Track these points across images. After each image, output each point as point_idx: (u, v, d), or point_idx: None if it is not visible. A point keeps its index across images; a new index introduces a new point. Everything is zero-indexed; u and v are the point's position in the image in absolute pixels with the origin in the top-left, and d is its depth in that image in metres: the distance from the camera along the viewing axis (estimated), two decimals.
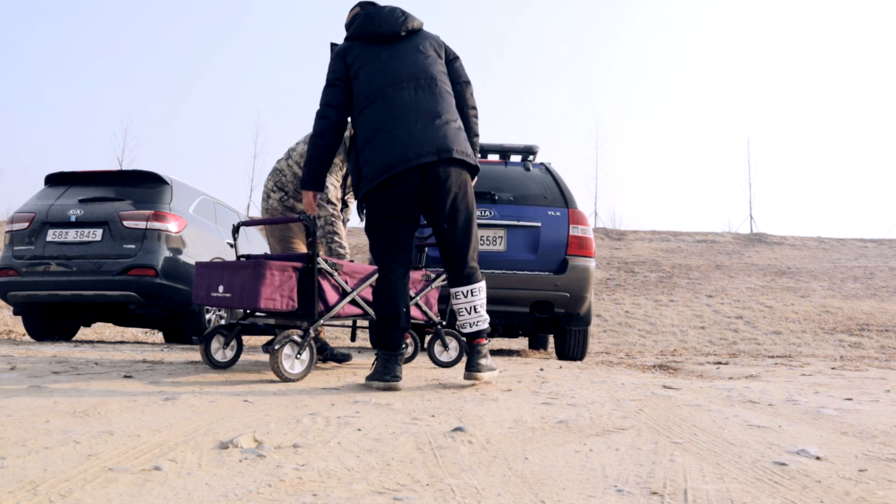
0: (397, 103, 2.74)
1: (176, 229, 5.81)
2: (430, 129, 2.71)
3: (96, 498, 1.20)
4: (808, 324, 12.26)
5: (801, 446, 1.69)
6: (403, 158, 2.66)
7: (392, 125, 2.72)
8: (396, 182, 2.70)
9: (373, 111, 2.77)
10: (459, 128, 2.81)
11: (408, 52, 2.85)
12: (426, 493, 1.26)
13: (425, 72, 2.82)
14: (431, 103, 2.76)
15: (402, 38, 2.90)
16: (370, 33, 2.88)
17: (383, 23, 2.88)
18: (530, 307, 5.16)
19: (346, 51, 2.89)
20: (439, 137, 2.70)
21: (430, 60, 2.86)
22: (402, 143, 2.68)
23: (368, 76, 2.82)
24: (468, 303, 2.83)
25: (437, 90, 2.81)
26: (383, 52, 2.85)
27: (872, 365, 5.81)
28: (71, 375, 2.92)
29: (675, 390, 2.91)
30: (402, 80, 2.79)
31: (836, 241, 22.50)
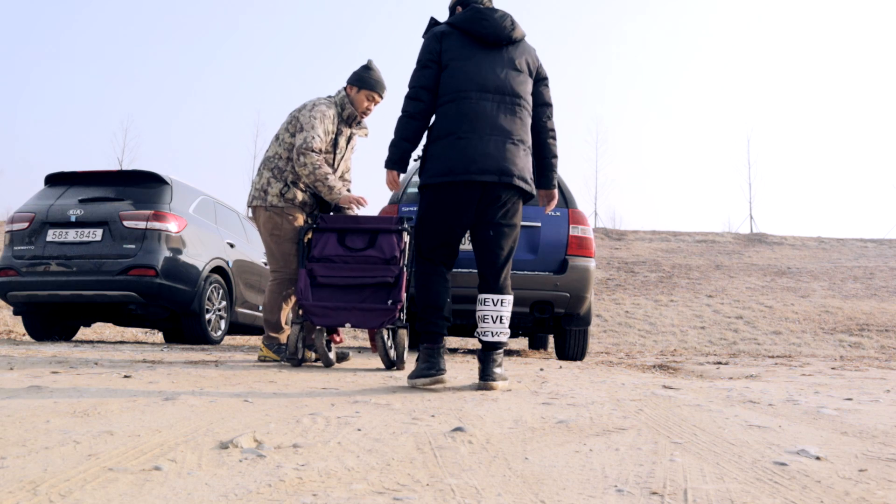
0: (478, 112, 2.75)
1: (176, 229, 5.81)
2: (500, 148, 2.74)
3: (96, 498, 1.20)
4: (808, 324, 12.26)
5: (801, 446, 1.69)
6: (466, 170, 2.71)
7: (466, 132, 2.74)
8: (456, 189, 2.76)
9: (452, 109, 2.78)
10: (527, 153, 2.83)
11: (504, 63, 2.83)
12: (426, 493, 1.26)
13: (513, 90, 2.82)
14: (510, 123, 2.78)
15: (502, 47, 2.86)
16: (474, 31, 2.84)
17: (490, 27, 2.83)
18: (530, 307, 5.16)
19: (445, 35, 2.87)
20: (506, 160, 2.73)
21: (521, 78, 2.85)
22: (470, 154, 2.71)
23: (459, 72, 2.81)
24: (495, 311, 2.82)
25: (518, 111, 2.81)
26: (480, 55, 2.83)
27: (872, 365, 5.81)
28: (71, 375, 2.92)
29: (675, 390, 2.91)
30: (489, 89, 2.78)
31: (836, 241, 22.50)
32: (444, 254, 2.87)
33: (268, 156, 3.97)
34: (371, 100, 4.00)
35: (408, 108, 2.87)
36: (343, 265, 3.61)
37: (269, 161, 3.95)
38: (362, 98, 3.97)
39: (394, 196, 5.34)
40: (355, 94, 3.98)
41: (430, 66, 2.85)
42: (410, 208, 5.21)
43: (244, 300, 6.92)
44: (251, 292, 7.06)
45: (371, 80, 4.01)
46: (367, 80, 4.00)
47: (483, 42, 2.84)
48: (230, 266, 6.55)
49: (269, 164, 3.94)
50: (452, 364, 4.17)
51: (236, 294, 6.70)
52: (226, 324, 6.49)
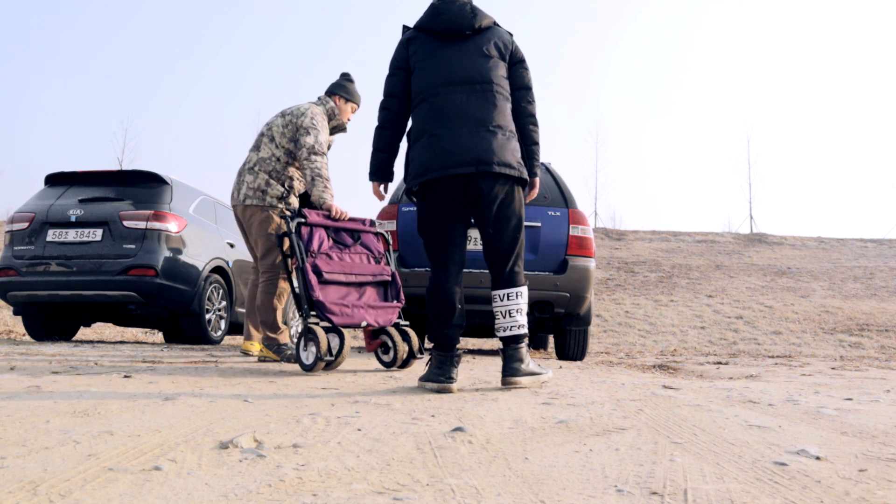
0: (448, 106, 2.74)
1: (176, 229, 5.80)
2: (474, 137, 2.69)
3: (96, 498, 1.20)
4: (808, 324, 12.26)
5: (801, 446, 1.69)
6: (442, 166, 2.69)
7: (438, 128, 2.73)
8: (439, 186, 2.73)
9: (424, 109, 2.79)
10: (509, 137, 2.76)
11: (470, 52, 2.80)
12: (426, 493, 1.26)
13: (483, 76, 2.77)
14: (482, 110, 2.73)
15: (468, 37, 2.83)
16: (434, 28, 2.84)
17: (448, 19, 2.82)
18: (530, 307, 5.16)
19: (410, 40, 2.89)
20: (481, 148, 2.68)
21: (490, 63, 2.80)
22: (444, 149, 2.69)
23: (425, 72, 2.81)
24: (503, 306, 2.78)
25: (491, 97, 2.76)
26: (444, 50, 2.82)
27: (872, 365, 5.81)
28: (71, 375, 2.92)
29: (675, 390, 2.91)
30: (456, 81, 2.76)
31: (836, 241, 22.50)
32: (448, 257, 2.80)
33: (262, 156, 3.96)
34: (353, 110, 4.22)
35: (379, 119, 2.92)
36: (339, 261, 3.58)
37: (264, 162, 3.95)
38: (348, 109, 4.17)
39: (394, 196, 5.34)
40: (343, 105, 4.14)
41: (396, 74, 2.88)
42: (411, 208, 5.21)
43: (244, 300, 6.92)
44: None
45: (356, 92, 4.22)
46: (353, 92, 4.20)
47: (445, 37, 2.83)
48: (230, 266, 6.55)
49: (266, 166, 3.94)
50: None
51: (236, 294, 6.70)
52: (226, 324, 6.49)
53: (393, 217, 5.22)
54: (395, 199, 5.32)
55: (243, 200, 3.94)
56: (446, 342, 2.73)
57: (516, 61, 2.89)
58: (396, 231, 5.17)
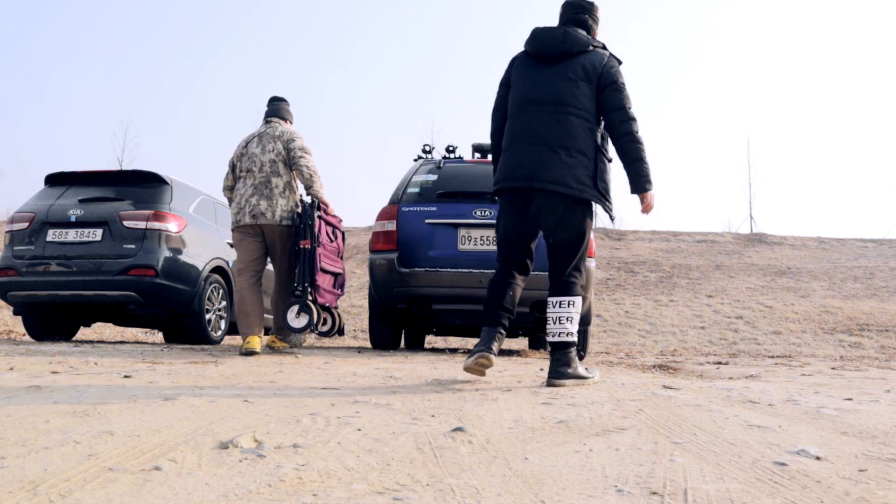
0: (525, 125, 3.01)
1: (176, 229, 5.80)
2: (533, 155, 2.94)
3: (96, 498, 1.20)
4: (808, 324, 12.26)
5: (801, 446, 1.69)
6: (510, 178, 3.00)
7: (511, 144, 3.03)
8: (506, 194, 3.07)
9: (510, 124, 3.09)
10: (573, 157, 2.92)
11: (555, 75, 3.00)
12: (426, 493, 1.26)
13: (558, 98, 2.96)
14: (550, 130, 2.93)
15: (557, 61, 3.02)
16: (530, 50, 3.10)
17: (541, 44, 3.05)
18: (530, 307, 5.15)
19: (514, 60, 3.18)
20: (538, 166, 2.92)
21: (571, 87, 2.97)
22: (514, 164, 2.99)
23: (516, 90, 3.10)
24: (555, 313, 2.99)
25: (562, 118, 2.94)
26: (536, 71, 3.06)
27: (872, 365, 5.81)
28: (71, 375, 2.92)
29: (675, 390, 2.91)
30: (536, 102, 3.00)
31: (836, 241, 22.49)
32: (509, 255, 3.12)
33: (287, 181, 4.53)
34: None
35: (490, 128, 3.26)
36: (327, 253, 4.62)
37: (290, 186, 4.55)
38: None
39: (394, 196, 5.35)
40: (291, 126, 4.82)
41: (500, 89, 3.20)
42: (410, 208, 5.21)
43: None
44: None
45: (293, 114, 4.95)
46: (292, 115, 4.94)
47: (539, 59, 3.07)
48: (230, 266, 6.55)
49: (292, 189, 4.56)
50: (452, 365, 4.17)
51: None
52: (226, 324, 6.49)
53: (393, 217, 5.22)
54: (395, 199, 5.31)
55: (280, 221, 4.46)
56: (494, 318, 3.02)
57: (607, 84, 3.00)
58: (396, 231, 5.17)
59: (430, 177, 5.47)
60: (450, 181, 5.40)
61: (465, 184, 5.38)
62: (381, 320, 5.59)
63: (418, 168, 5.59)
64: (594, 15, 3.19)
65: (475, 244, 5.15)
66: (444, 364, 4.14)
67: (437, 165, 5.58)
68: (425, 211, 5.21)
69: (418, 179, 5.45)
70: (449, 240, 5.15)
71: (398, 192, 5.35)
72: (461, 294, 5.10)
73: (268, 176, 4.46)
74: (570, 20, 3.12)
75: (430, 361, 4.32)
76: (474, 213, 5.17)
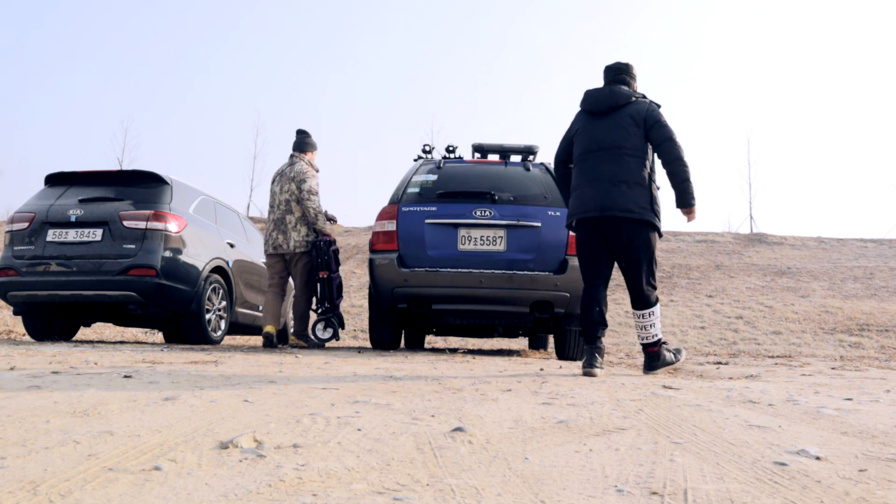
0: (591, 168, 3.71)
1: (176, 229, 5.80)
2: (601, 190, 3.63)
3: (96, 498, 1.20)
4: (808, 324, 12.26)
5: (801, 446, 1.69)
6: (582, 210, 3.70)
7: (582, 184, 3.75)
8: (581, 224, 3.76)
9: (577, 169, 3.81)
10: (634, 188, 3.62)
11: (610, 125, 3.73)
12: (426, 493, 1.26)
13: (614, 143, 3.68)
14: (611, 170, 3.64)
15: (609, 113, 3.76)
16: (585, 108, 3.88)
17: (593, 101, 3.82)
18: (530, 307, 5.16)
19: (576, 117, 3.95)
20: (607, 198, 3.61)
21: (624, 134, 3.69)
22: (586, 199, 3.69)
23: (580, 141, 3.83)
24: (640, 323, 3.76)
25: (619, 159, 3.65)
26: (593, 124, 3.80)
27: (872, 365, 5.81)
28: (71, 375, 2.91)
29: (675, 390, 2.91)
30: (597, 149, 3.72)
31: (836, 241, 22.48)
32: (592, 275, 3.81)
33: (298, 216, 5.68)
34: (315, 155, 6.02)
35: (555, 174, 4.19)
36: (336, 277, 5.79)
37: (302, 220, 5.69)
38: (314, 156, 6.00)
39: (394, 196, 5.35)
40: (312, 156, 5.97)
41: (563, 140, 3.97)
42: (411, 208, 5.22)
43: (244, 300, 6.92)
44: (251, 292, 7.05)
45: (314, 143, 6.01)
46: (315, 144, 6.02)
47: (593, 114, 3.81)
48: (230, 266, 6.55)
49: (304, 221, 5.70)
50: (452, 364, 4.17)
51: (236, 294, 6.70)
52: (226, 324, 6.49)
53: (393, 217, 5.22)
54: (395, 199, 5.31)
55: (294, 249, 5.67)
56: (590, 336, 3.70)
57: (652, 124, 3.71)
58: (396, 231, 5.17)
59: (430, 177, 5.47)
60: (450, 181, 5.40)
61: (465, 184, 5.38)
62: (381, 320, 5.59)
63: (418, 168, 5.59)
64: (631, 73, 3.89)
65: (475, 244, 5.15)
66: (444, 364, 4.14)
67: (437, 165, 5.58)
68: (425, 211, 5.21)
69: (418, 179, 5.46)
70: (449, 240, 5.15)
71: (398, 192, 5.35)
72: (461, 294, 5.11)
73: (283, 214, 5.69)
74: (613, 80, 3.87)
75: (430, 361, 4.33)
76: (474, 213, 5.17)
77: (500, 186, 5.36)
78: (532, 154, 5.88)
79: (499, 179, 5.44)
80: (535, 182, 5.44)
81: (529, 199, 5.29)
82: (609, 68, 3.92)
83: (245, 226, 7.51)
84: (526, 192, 5.34)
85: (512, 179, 5.46)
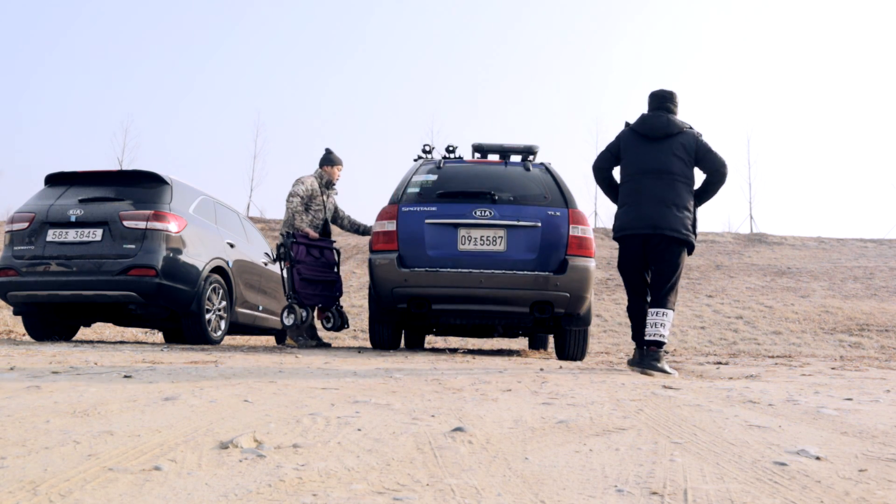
0: (643, 189, 4.10)
1: (176, 229, 5.80)
2: (654, 210, 4.04)
3: (96, 498, 1.20)
4: (808, 324, 12.26)
5: (801, 446, 1.69)
6: (633, 226, 4.11)
7: (633, 202, 4.13)
8: (629, 238, 4.17)
9: (627, 187, 4.18)
10: (682, 211, 4.06)
11: (661, 150, 4.11)
12: (426, 493, 1.26)
13: (668, 169, 4.08)
14: (663, 192, 4.05)
15: (662, 139, 4.12)
16: (640, 130, 4.20)
17: (651, 127, 4.16)
18: (530, 307, 5.15)
19: (624, 135, 4.28)
20: (658, 218, 4.03)
21: (675, 160, 4.09)
22: (635, 216, 4.10)
23: (631, 161, 4.19)
24: (652, 320, 4.02)
25: (670, 183, 4.06)
26: (646, 147, 4.16)
27: (872, 365, 5.81)
28: (71, 375, 2.91)
29: (675, 390, 2.91)
30: (650, 171, 4.10)
31: (836, 241, 22.48)
32: (637, 284, 4.23)
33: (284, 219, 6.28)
34: (339, 170, 6.62)
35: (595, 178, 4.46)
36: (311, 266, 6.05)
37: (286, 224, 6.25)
38: (335, 171, 6.57)
39: (394, 196, 5.34)
40: (329, 170, 6.57)
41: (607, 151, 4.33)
42: (411, 208, 5.21)
43: (244, 300, 6.91)
44: (251, 292, 7.05)
45: (338, 159, 6.60)
46: (337, 160, 6.58)
47: (646, 138, 4.16)
48: (230, 266, 6.55)
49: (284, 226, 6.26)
50: (452, 364, 4.17)
51: (236, 294, 6.70)
52: (226, 324, 6.49)
53: (393, 217, 5.22)
54: (395, 199, 5.31)
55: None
56: (637, 339, 4.13)
57: (703, 154, 4.13)
58: (396, 231, 5.17)
59: (430, 177, 5.47)
60: (450, 181, 5.40)
61: (465, 184, 5.38)
62: (381, 320, 5.59)
63: (418, 168, 5.59)
64: (675, 101, 4.27)
65: (475, 244, 5.15)
66: (444, 364, 4.14)
67: (437, 165, 5.58)
68: (425, 211, 5.21)
69: (418, 179, 5.45)
70: (449, 240, 5.15)
71: (398, 192, 5.35)
72: (461, 294, 5.10)
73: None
74: (660, 107, 4.22)
75: (430, 361, 4.33)
76: (474, 213, 5.17)
77: (500, 186, 5.36)
78: (532, 154, 5.88)
79: (499, 179, 5.44)
80: (535, 182, 5.44)
81: (529, 199, 5.29)
82: (656, 96, 4.26)
83: (245, 226, 7.50)
84: (526, 192, 5.34)
85: (512, 179, 5.46)
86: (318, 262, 6.17)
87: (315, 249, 6.17)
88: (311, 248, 6.11)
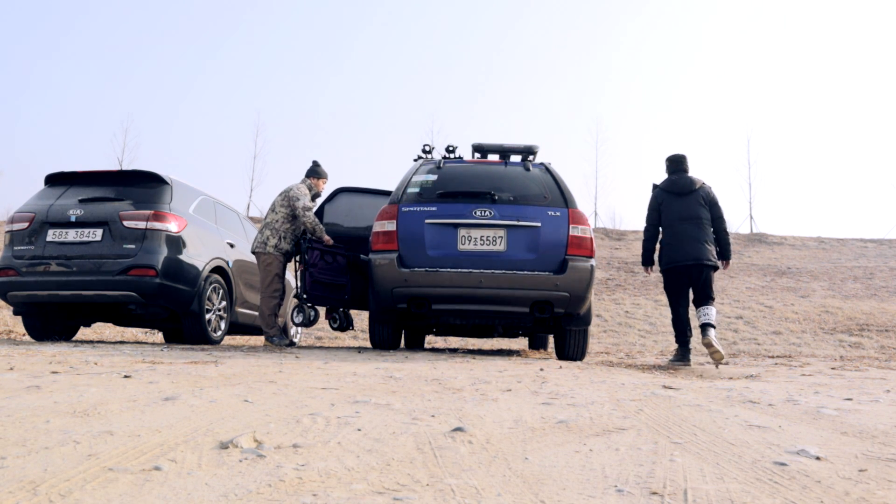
0: (682, 231, 5.60)
1: (176, 229, 5.80)
2: (693, 247, 5.55)
3: (96, 498, 1.20)
4: (808, 324, 12.26)
5: (801, 446, 1.69)
6: (678, 260, 5.59)
7: (676, 242, 5.61)
8: (674, 269, 5.64)
9: (670, 231, 5.68)
10: (711, 244, 5.63)
11: (690, 202, 5.66)
12: (426, 493, 1.26)
13: (697, 215, 5.63)
14: (698, 233, 5.58)
15: (689, 194, 5.68)
16: (671, 189, 5.74)
17: (680, 186, 5.72)
18: (530, 307, 5.15)
19: (660, 194, 5.80)
20: (697, 251, 5.54)
21: (701, 209, 5.65)
22: (679, 252, 5.58)
23: (669, 212, 5.70)
24: (701, 311, 5.57)
25: (701, 226, 5.61)
26: (678, 201, 5.70)
27: (872, 365, 5.81)
28: (71, 375, 2.91)
29: (675, 390, 2.91)
30: (686, 218, 5.62)
31: (836, 241, 22.48)
32: (681, 301, 5.69)
33: (267, 221, 6.23)
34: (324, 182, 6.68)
35: (644, 233, 5.94)
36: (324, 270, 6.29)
37: (268, 224, 6.21)
38: (320, 182, 6.60)
39: (394, 196, 5.34)
40: (315, 181, 6.55)
41: (653, 211, 5.80)
42: (411, 208, 5.22)
43: (244, 300, 6.91)
44: (251, 292, 7.05)
45: (324, 172, 6.67)
46: (323, 173, 6.65)
47: (677, 194, 5.71)
48: (230, 266, 6.55)
49: (270, 227, 6.20)
50: (452, 364, 4.17)
51: (236, 294, 6.70)
52: (226, 324, 6.49)
53: (393, 217, 5.21)
54: (395, 199, 5.31)
55: (254, 249, 6.22)
56: (682, 341, 5.65)
57: (713, 204, 5.73)
58: (396, 231, 5.17)
59: (430, 177, 5.47)
60: (450, 181, 5.40)
61: (465, 184, 5.38)
62: (381, 320, 5.59)
63: (418, 168, 5.59)
64: (687, 162, 5.87)
65: (475, 244, 5.15)
66: (444, 364, 4.14)
67: (437, 165, 5.58)
68: (425, 211, 5.20)
69: (418, 179, 5.45)
70: (449, 240, 5.15)
71: (398, 192, 5.35)
72: (461, 294, 5.10)
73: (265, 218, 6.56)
74: (679, 169, 5.82)
75: (430, 361, 4.33)
76: (474, 213, 5.17)
77: (500, 186, 5.36)
78: (532, 154, 5.88)
79: (499, 179, 5.44)
80: (535, 182, 5.44)
81: (529, 199, 5.29)
82: (674, 161, 5.88)
83: (245, 226, 7.50)
84: (526, 192, 5.34)
85: (512, 179, 5.46)
86: (331, 266, 6.37)
87: (329, 255, 6.42)
88: (325, 254, 6.36)
